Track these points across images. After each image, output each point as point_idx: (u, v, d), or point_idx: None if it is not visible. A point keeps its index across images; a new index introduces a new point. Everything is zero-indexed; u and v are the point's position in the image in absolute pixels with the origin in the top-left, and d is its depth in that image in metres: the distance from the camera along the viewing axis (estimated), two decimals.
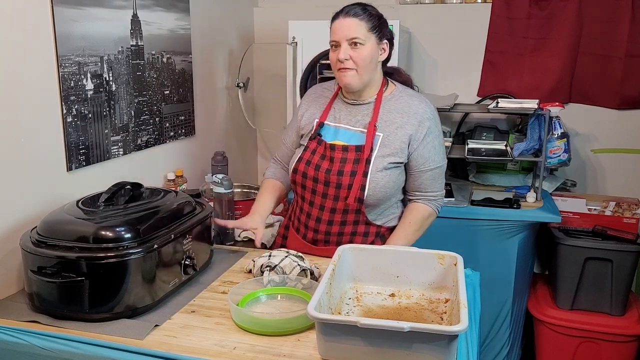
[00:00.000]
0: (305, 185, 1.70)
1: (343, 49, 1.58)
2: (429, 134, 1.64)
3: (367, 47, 1.58)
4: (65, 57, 1.65)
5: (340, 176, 1.63)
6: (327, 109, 1.73)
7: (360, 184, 1.60)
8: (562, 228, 2.39)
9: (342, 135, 1.68)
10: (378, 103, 1.65)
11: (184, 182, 2.22)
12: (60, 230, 1.33)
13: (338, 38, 1.59)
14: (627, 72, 2.56)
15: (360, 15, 1.58)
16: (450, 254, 1.40)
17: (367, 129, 1.63)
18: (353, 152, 1.63)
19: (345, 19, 1.58)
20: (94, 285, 1.28)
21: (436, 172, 1.69)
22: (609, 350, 2.34)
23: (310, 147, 1.70)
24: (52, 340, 1.24)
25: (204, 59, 2.50)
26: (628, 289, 2.32)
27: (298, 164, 1.70)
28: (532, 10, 2.66)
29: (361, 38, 1.57)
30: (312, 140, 1.70)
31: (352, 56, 1.58)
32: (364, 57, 1.58)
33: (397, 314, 1.32)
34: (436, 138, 1.67)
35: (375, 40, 1.60)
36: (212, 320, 1.32)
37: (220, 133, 2.73)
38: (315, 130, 1.71)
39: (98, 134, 1.82)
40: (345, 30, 1.57)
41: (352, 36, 1.57)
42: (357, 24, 1.57)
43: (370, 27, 1.59)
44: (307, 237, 1.73)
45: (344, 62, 1.58)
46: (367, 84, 1.64)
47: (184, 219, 1.50)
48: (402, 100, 1.67)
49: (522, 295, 2.50)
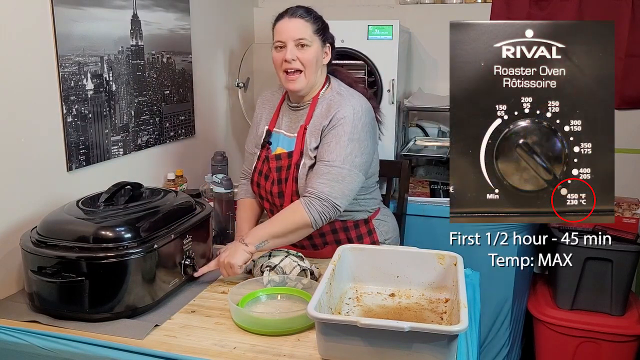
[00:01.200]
0: (262, 195, 1.73)
1: (290, 49, 1.58)
2: (332, 129, 1.59)
3: (312, 49, 1.60)
4: (65, 57, 1.65)
5: (280, 184, 1.65)
6: (276, 115, 1.75)
7: (292, 190, 1.62)
8: (562, 228, 2.39)
9: (282, 141, 1.70)
10: (312, 105, 1.66)
11: (184, 182, 2.22)
12: (60, 230, 1.33)
13: (284, 38, 1.59)
14: (627, 72, 2.56)
15: (305, 17, 1.60)
16: (450, 254, 1.40)
17: (297, 134, 1.65)
18: (286, 159, 1.65)
19: (292, 19, 1.59)
20: (94, 285, 1.28)
21: (322, 169, 1.56)
22: (609, 350, 2.34)
23: (262, 157, 1.72)
24: (52, 340, 1.24)
25: (204, 59, 2.50)
26: (628, 289, 2.32)
27: (253, 174, 1.74)
28: (532, 10, 2.66)
29: (308, 39, 1.58)
30: (262, 148, 1.72)
31: (298, 57, 1.59)
32: (310, 59, 1.59)
33: (397, 314, 1.32)
34: (340, 137, 1.57)
35: (320, 42, 1.62)
36: (212, 320, 1.32)
37: (220, 133, 2.73)
38: (264, 138, 1.73)
39: (98, 134, 1.82)
40: (292, 31, 1.58)
41: (299, 37, 1.58)
42: (304, 25, 1.59)
43: (316, 29, 1.61)
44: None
45: (291, 62, 1.58)
46: (312, 86, 1.65)
47: (184, 219, 1.50)
48: (327, 100, 1.65)
49: (522, 295, 2.50)
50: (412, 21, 2.78)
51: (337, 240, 1.71)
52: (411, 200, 2.33)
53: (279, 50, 1.61)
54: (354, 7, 2.82)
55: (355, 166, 1.58)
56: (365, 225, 1.74)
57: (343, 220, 1.70)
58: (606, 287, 2.31)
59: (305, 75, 1.61)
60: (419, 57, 2.86)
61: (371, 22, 2.35)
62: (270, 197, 1.70)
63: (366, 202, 1.73)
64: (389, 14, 2.78)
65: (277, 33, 1.61)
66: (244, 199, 1.85)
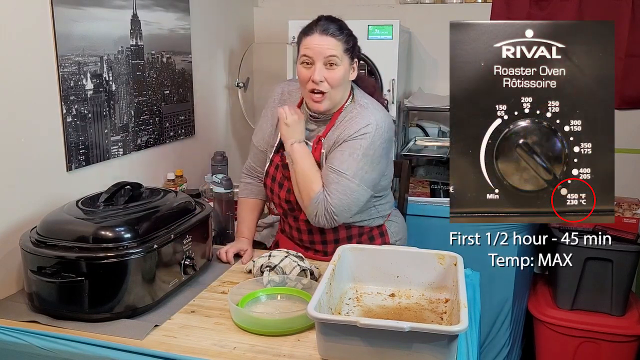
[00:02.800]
0: (274, 201, 1.71)
1: (318, 69, 1.51)
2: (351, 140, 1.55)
3: (341, 68, 1.53)
4: (65, 57, 1.64)
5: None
6: None
7: None
8: (562, 228, 2.39)
9: None
10: (333, 120, 1.61)
11: (184, 182, 2.22)
12: (60, 230, 1.33)
13: (313, 55, 1.52)
14: (627, 72, 2.57)
15: (338, 35, 1.53)
16: (450, 254, 1.40)
17: (312, 143, 1.62)
18: None
19: (322, 37, 1.51)
20: (93, 285, 1.28)
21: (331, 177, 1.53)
22: (609, 351, 2.34)
23: (275, 161, 1.68)
24: (52, 340, 1.23)
25: (204, 59, 2.50)
26: (628, 289, 2.32)
27: (266, 178, 1.71)
28: (532, 10, 2.66)
29: (338, 58, 1.52)
30: (276, 154, 1.68)
31: (326, 77, 1.52)
32: (337, 78, 1.53)
33: (397, 314, 1.32)
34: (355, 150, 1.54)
35: (349, 61, 1.56)
36: (211, 320, 1.32)
37: (220, 133, 2.73)
38: (278, 142, 1.68)
39: (98, 134, 1.81)
40: (322, 50, 1.51)
41: (328, 54, 1.51)
42: (335, 43, 1.52)
43: (346, 48, 1.54)
44: (298, 245, 1.75)
45: (319, 84, 1.52)
46: (336, 104, 1.60)
47: (183, 219, 1.50)
48: (349, 113, 1.60)
49: (522, 295, 2.50)
50: (412, 21, 2.78)
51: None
52: (411, 200, 2.33)
53: (306, 66, 1.54)
54: (354, 7, 2.81)
55: (364, 182, 1.55)
56: (378, 229, 1.73)
57: (361, 227, 1.69)
58: (606, 287, 2.31)
59: (330, 97, 1.55)
60: (419, 57, 2.86)
61: (371, 22, 2.34)
62: (285, 205, 1.67)
63: (382, 207, 1.72)
64: (389, 14, 2.78)
65: (305, 48, 1.53)
66: (247, 199, 1.81)
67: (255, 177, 1.81)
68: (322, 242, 1.68)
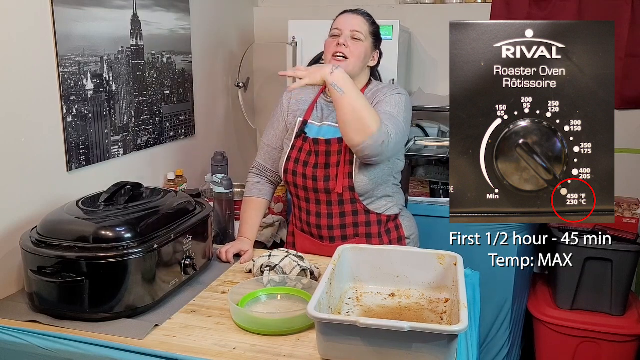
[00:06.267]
0: (297, 184, 1.71)
1: (344, 36, 1.66)
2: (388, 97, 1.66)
3: (364, 45, 1.68)
4: (65, 57, 1.65)
5: (327, 168, 1.66)
6: (311, 107, 1.76)
7: (347, 172, 1.63)
8: (562, 228, 2.39)
9: (325, 132, 1.71)
10: None
11: (184, 182, 2.22)
12: (60, 230, 1.33)
13: (341, 27, 1.68)
14: (627, 72, 2.57)
15: (366, 17, 1.72)
16: (450, 253, 1.40)
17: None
18: (336, 144, 1.66)
19: (353, 15, 1.70)
20: (94, 285, 1.28)
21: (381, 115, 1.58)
22: (609, 350, 2.34)
23: (297, 145, 1.72)
24: (52, 340, 1.23)
25: (204, 59, 2.50)
26: (628, 289, 2.32)
27: (287, 163, 1.72)
28: (532, 10, 2.66)
29: (362, 34, 1.68)
30: (298, 138, 1.72)
31: (350, 47, 1.66)
32: (359, 52, 1.67)
33: (397, 313, 1.32)
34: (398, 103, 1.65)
35: (372, 43, 1.72)
36: (212, 320, 1.32)
37: (220, 133, 2.73)
38: (299, 128, 1.74)
39: (98, 134, 1.82)
40: (350, 23, 1.68)
41: (355, 28, 1.67)
42: (363, 22, 1.70)
43: (371, 31, 1.71)
44: (313, 235, 1.75)
45: (341, 46, 1.65)
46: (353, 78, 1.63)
47: (184, 219, 1.50)
48: (372, 92, 1.72)
49: (522, 295, 2.50)
50: (412, 21, 2.78)
51: (368, 233, 1.71)
52: (411, 200, 2.33)
53: (334, 38, 1.69)
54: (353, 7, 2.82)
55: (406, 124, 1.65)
56: (393, 221, 1.76)
57: (378, 213, 1.71)
58: (606, 287, 2.31)
59: (349, 63, 1.65)
60: (419, 57, 2.86)
61: None
62: (310, 183, 1.68)
63: (397, 196, 1.77)
64: (389, 14, 2.78)
65: (336, 23, 1.71)
66: (255, 198, 1.82)
67: (264, 177, 1.84)
68: (341, 226, 1.70)
